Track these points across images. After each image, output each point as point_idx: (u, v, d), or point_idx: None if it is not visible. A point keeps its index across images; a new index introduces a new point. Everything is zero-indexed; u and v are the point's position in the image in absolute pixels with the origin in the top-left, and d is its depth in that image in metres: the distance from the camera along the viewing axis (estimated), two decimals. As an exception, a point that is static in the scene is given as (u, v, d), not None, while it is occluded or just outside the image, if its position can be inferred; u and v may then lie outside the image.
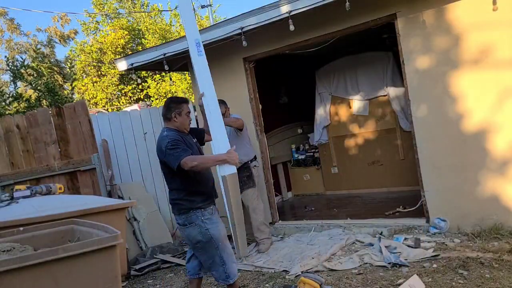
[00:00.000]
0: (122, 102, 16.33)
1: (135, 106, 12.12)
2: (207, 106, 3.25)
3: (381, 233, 4.53)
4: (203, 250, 3.16)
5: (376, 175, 6.49)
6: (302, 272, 3.81)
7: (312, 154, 7.23)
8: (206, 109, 3.26)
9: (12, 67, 7.34)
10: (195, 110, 5.72)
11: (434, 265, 3.54)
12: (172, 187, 3.20)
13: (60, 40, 19.46)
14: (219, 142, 3.16)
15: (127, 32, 16.91)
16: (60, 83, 14.54)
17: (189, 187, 3.12)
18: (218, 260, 3.15)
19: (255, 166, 4.90)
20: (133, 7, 18.87)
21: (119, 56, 13.98)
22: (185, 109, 3.23)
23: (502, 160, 3.95)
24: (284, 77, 7.42)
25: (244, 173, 4.72)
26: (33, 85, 7.66)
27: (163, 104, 3.36)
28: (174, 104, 3.22)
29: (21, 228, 2.35)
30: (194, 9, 17.68)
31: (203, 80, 3.25)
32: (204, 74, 3.26)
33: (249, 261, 4.48)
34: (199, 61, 3.28)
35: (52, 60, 17.99)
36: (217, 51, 5.05)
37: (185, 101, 3.30)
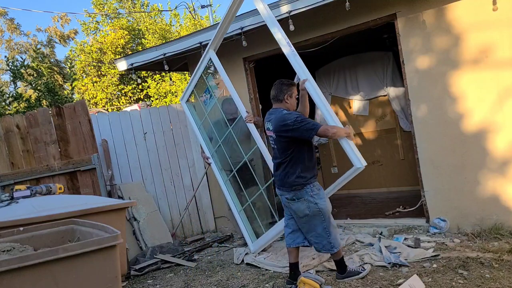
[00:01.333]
0: (122, 102, 16.32)
1: (135, 106, 12.14)
2: (314, 90, 3.47)
3: (381, 233, 4.53)
4: (309, 223, 3.37)
5: (376, 175, 6.49)
6: (302, 272, 3.81)
7: (312, 154, 7.23)
8: (313, 92, 3.47)
9: (12, 67, 7.32)
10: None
11: (434, 265, 3.53)
12: (286, 163, 3.33)
13: (60, 40, 19.47)
14: (333, 119, 3.36)
15: (127, 32, 16.91)
16: (60, 83, 14.53)
17: (304, 162, 3.30)
18: (323, 231, 3.34)
19: (255, 165, 4.93)
20: (133, 7, 18.87)
21: (119, 56, 13.99)
22: (295, 91, 3.47)
23: (502, 160, 3.95)
24: (284, 77, 7.39)
25: (248, 171, 4.76)
26: (33, 85, 7.64)
27: (272, 87, 3.54)
28: (286, 87, 3.44)
29: (21, 228, 2.35)
30: (194, 9, 17.69)
31: (302, 70, 3.58)
32: (302, 65, 3.59)
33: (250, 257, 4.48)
34: (295, 56, 3.64)
35: (52, 60, 17.98)
36: (217, 51, 5.05)
37: (294, 84, 3.53)
